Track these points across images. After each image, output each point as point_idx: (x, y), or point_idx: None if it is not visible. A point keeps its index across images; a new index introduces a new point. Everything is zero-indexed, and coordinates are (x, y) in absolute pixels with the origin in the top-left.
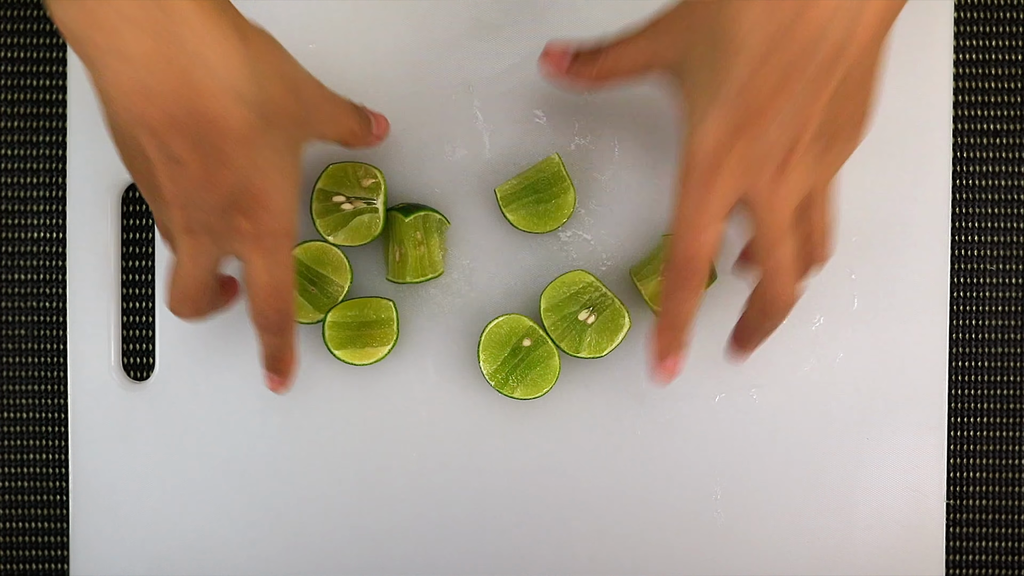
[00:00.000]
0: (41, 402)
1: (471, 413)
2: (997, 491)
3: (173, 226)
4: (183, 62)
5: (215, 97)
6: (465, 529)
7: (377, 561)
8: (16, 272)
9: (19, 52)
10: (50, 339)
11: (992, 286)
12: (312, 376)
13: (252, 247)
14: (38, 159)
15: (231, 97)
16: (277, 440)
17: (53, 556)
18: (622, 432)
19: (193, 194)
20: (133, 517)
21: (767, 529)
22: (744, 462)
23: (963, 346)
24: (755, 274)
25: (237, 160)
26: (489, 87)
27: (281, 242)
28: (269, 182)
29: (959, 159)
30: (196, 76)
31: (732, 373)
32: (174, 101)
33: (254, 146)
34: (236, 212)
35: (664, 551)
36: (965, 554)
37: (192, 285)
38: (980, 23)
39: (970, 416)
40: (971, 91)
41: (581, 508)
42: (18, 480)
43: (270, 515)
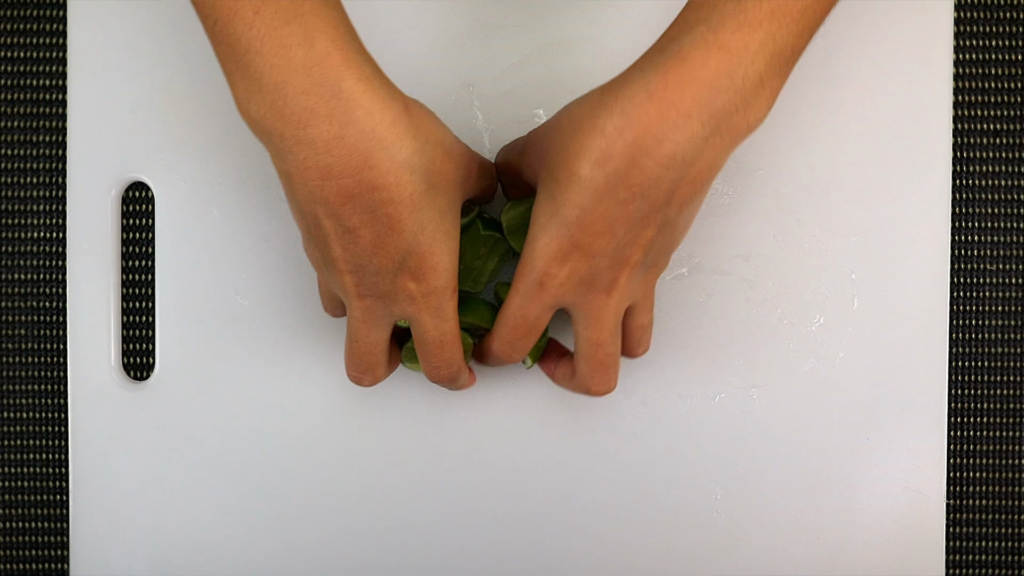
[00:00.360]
0: (41, 402)
1: (471, 413)
2: (997, 491)
3: (346, 293)
4: (359, 142)
5: (388, 171)
6: (465, 529)
7: (378, 561)
8: (16, 272)
9: (19, 52)
10: (50, 339)
11: (992, 286)
12: (311, 376)
13: (420, 307)
14: (38, 159)
15: (402, 169)
16: (277, 440)
17: (53, 556)
18: (622, 432)
19: (365, 260)
20: (133, 517)
21: (767, 529)
22: (744, 462)
23: (963, 346)
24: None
25: (406, 225)
26: (489, 87)
27: (445, 298)
28: (434, 243)
29: (959, 159)
30: (371, 153)
31: (732, 373)
32: (350, 177)
33: (421, 210)
34: (404, 274)
35: (664, 551)
36: (965, 554)
37: (368, 349)
38: (980, 23)
39: (970, 416)
40: (971, 91)
41: (581, 508)
42: (18, 480)
43: (270, 515)
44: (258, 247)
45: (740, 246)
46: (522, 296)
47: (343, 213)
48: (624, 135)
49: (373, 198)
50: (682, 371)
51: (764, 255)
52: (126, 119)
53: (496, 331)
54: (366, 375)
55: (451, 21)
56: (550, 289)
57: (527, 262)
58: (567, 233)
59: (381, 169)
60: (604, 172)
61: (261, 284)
